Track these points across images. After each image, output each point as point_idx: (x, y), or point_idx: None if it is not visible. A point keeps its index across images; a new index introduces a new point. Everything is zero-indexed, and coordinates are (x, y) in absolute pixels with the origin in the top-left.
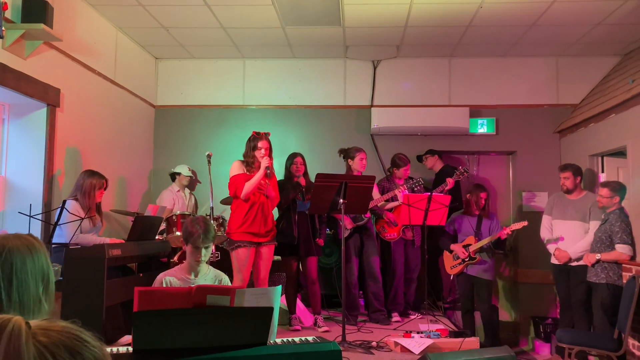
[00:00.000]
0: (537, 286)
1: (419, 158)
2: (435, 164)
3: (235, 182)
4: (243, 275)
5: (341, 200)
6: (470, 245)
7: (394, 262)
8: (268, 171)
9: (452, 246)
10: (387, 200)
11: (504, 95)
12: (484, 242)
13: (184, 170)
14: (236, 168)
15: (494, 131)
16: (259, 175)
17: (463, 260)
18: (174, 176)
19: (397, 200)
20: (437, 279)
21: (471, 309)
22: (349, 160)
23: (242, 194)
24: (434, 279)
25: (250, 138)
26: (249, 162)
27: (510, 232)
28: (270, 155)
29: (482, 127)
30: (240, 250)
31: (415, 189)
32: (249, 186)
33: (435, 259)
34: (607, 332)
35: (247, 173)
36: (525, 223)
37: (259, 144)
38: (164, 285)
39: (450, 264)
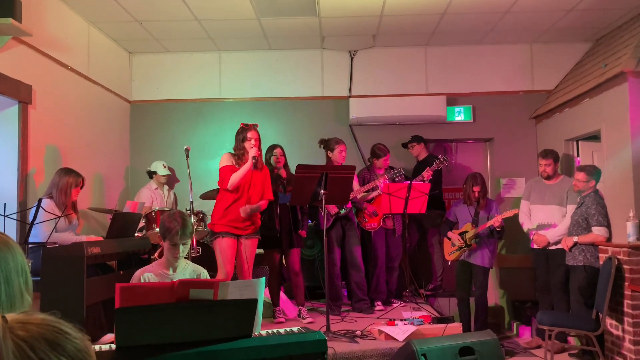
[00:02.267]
0: (516, 270)
1: (404, 145)
2: (421, 152)
3: (222, 173)
4: (227, 269)
5: (322, 191)
6: (467, 232)
7: (376, 251)
8: (255, 161)
9: (449, 233)
10: (368, 191)
11: (480, 83)
12: (479, 229)
13: (159, 169)
14: (225, 159)
15: (471, 119)
16: (246, 166)
17: (460, 247)
18: (151, 174)
19: (379, 190)
20: (418, 266)
21: (466, 297)
22: (329, 152)
23: (228, 184)
24: (415, 266)
25: (238, 130)
26: (239, 154)
27: (501, 221)
28: (259, 147)
29: (459, 114)
30: (222, 240)
31: (397, 179)
32: (236, 177)
33: (417, 247)
34: (584, 313)
35: (236, 165)
36: (516, 211)
37: (249, 135)
38: (143, 282)
39: (449, 251)
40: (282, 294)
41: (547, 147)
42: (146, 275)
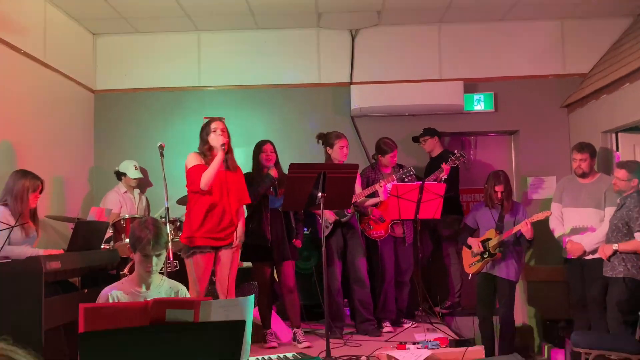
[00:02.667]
0: (547, 284)
1: (415, 139)
2: (435, 147)
3: (193, 173)
4: (201, 288)
5: (320, 194)
6: (490, 240)
7: (383, 263)
8: (224, 149)
9: (470, 240)
10: (368, 196)
11: (503, 66)
12: (503, 236)
13: (130, 170)
14: (192, 159)
15: (492, 108)
16: (217, 158)
17: (482, 257)
18: (119, 175)
19: (379, 196)
20: (432, 280)
21: (489, 315)
22: (328, 148)
23: (201, 184)
24: (429, 281)
25: (202, 126)
26: (205, 152)
27: (531, 227)
28: (228, 143)
29: (479, 103)
30: (199, 256)
31: (406, 179)
32: (208, 173)
33: (431, 258)
34: (623, 332)
35: (206, 164)
36: (548, 213)
37: (213, 125)
38: (111, 302)
39: (469, 262)
40: (274, 314)
41: (582, 141)
42: (114, 293)
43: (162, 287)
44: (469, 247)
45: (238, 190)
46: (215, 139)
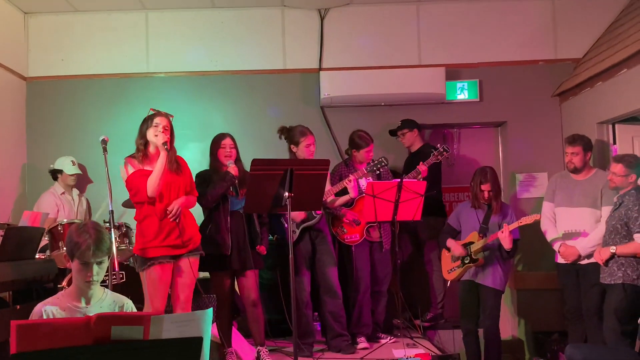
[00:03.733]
0: (538, 293)
1: (392, 132)
2: (415, 141)
3: (134, 180)
4: (158, 302)
5: (287, 194)
6: (472, 243)
7: (357, 271)
8: (167, 148)
9: (449, 242)
10: (338, 193)
11: (489, 51)
12: (488, 240)
13: (66, 166)
14: (128, 166)
15: (477, 97)
16: (161, 159)
17: (463, 262)
18: (55, 174)
19: (349, 192)
20: (413, 290)
21: (474, 328)
22: (292, 146)
23: (148, 190)
24: (409, 290)
25: (145, 118)
26: (139, 147)
27: (508, 233)
28: (171, 141)
29: (462, 92)
30: (156, 268)
31: (377, 171)
32: (154, 178)
33: (411, 265)
34: (621, 343)
35: (143, 166)
36: (537, 217)
37: (156, 120)
38: (46, 318)
39: (448, 267)
40: (235, 331)
41: (575, 133)
42: (49, 309)
43: (104, 302)
44: (449, 250)
45: (187, 192)
46: (154, 136)
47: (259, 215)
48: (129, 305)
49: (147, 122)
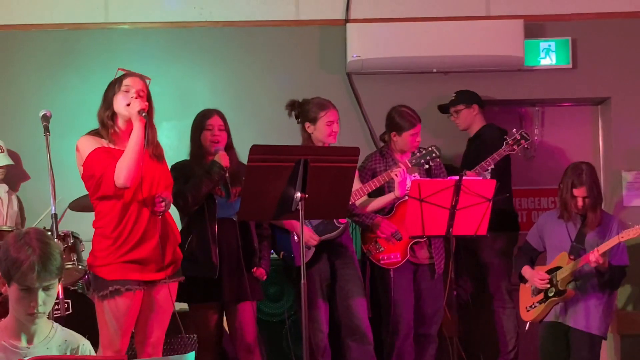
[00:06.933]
0: None
1: (443, 108)
2: (474, 120)
3: (96, 162)
4: (120, 342)
5: (298, 195)
6: (560, 269)
7: (396, 306)
8: (144, 115)
9: (525, 270)
10: (372, 194)
11: None
12: (580, 263)
13: None
14: (87, 143)
15: (568, 62)
16: (136, 132)
17: (546, 296)
18: None
19: (395, 191)
20: (475, 333)
21: None
22: (307, 124)
23: (118, 177)
24: (469, 333)
25: (111, 81)
26: (105, 122)
27: (599, 254)
28: (150, 111)
29: (548, 55)
30: (118, 299)
31: (427, 164)
32: (127, 160)
33: (473, 298)
34: None
35: (111, 146)
36: None
37: (126, 81)
38: None
39: (527, 303)
40: None
41: None
42: None
43: (52, 340)
44: (525, 281)
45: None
46: (126, 103)
47: (257, 225)
48: (86, 348)
49: (114, 86)
